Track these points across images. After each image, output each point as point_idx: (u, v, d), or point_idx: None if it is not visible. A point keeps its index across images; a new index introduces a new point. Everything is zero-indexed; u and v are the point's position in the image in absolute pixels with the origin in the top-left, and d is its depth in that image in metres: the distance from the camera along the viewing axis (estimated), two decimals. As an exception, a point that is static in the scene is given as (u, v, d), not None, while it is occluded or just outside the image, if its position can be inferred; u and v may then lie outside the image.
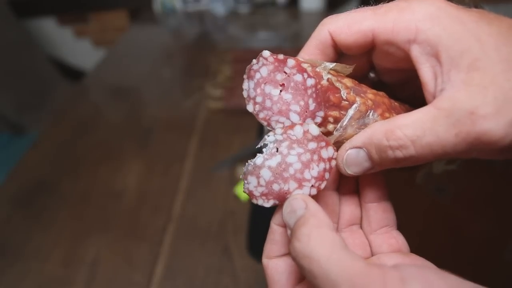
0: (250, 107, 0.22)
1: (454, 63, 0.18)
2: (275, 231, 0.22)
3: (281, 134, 0.21)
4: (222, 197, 0.67)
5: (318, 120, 0.21)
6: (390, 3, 0.20)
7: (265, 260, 0.22)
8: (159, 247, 0.60)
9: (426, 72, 0.19)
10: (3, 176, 0.77)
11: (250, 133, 0.82)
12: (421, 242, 0.25)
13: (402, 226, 0.23)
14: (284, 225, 0.21)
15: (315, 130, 0.21)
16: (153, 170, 0.76)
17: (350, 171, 0.21)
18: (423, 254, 0.24)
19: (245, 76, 0.22)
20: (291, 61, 0.21)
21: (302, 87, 0.21)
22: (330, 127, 0.22)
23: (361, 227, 0.24)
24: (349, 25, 0.21)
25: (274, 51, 0.21)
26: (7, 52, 1.75)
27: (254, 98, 0.22)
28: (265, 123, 0.22)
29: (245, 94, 0.22)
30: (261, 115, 0.22)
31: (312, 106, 0.21)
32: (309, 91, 0.21)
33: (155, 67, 1.17)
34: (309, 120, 0.21)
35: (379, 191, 0.23)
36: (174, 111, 0.94)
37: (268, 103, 0.22)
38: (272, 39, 1.26)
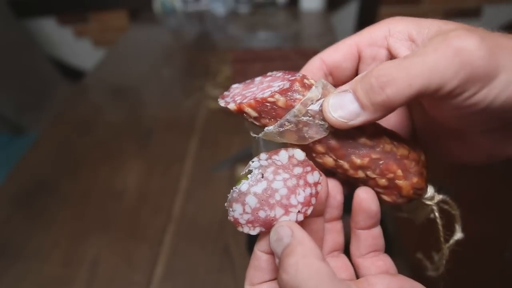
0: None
1: (426, 36, 0.21)
2: (260, 258, 0.21)
3: (266, 160, 0.21)
4: (222, 197, 0.67)
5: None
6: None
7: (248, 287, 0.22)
8: (159, 247, 0.60)
9: (404, 51, 0.22)
10: (3, 176, 0.77)
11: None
12: (421, 242, 0.25)
13: (403, 227, 0.24)
14: (269, 252, 0.21)
15: (300, 155, 0.21)
16: (153, 170, 0.76)
17: (337, 115, 0.20)
18: (423, 254, 0.24)
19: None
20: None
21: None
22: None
23: (344, 252, 0.25)
24: (336, 47, 0.25)
25: (274, 53, 0.22)
26: (7, 52, 1.75)
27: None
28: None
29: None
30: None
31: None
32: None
33: (155, 67, 1.17)
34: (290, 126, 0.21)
35: (372, 220, 0.23)
36: (174, 111, 0.94)
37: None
38: (272, 39, 1.26)
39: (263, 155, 0.21)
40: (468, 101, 0.18)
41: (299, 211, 0.20)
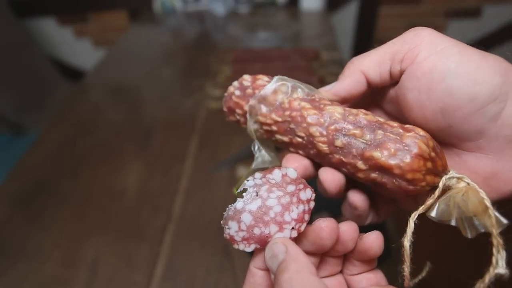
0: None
1: None
2: (255, 274, 0.22)
3: (260, 179, 0.22)
4: (222, 197, 0.67)
5: None
6: None
7: None
8: (159, 247, 0.60)
9: None
10: (3, 176, 0.77)
11: (250, 133, 0.82)
12: (420, 242, 0.25)
13: (403, 226, 0.24)
14: (264, 268, 0.21)
15: (293, 173, 0.22)
16: (153, 170, 0.76)
17: (322, 89, 0.26)
18: (423, 253, 0.24)
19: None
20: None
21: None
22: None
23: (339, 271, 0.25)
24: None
25: (274, 53, 0.22)
26: (7, 52, 1.75)
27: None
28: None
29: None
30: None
31: None
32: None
33: (155, 67, 1.17)
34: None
35: (372, 262, 0.23)
36: (174, 111, 0.94)
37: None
38: (272, 39, 1.26)
39: (257, 174, 0.22)
40: (422, 64, 0.21)
41: (293, 228, 0.21)
